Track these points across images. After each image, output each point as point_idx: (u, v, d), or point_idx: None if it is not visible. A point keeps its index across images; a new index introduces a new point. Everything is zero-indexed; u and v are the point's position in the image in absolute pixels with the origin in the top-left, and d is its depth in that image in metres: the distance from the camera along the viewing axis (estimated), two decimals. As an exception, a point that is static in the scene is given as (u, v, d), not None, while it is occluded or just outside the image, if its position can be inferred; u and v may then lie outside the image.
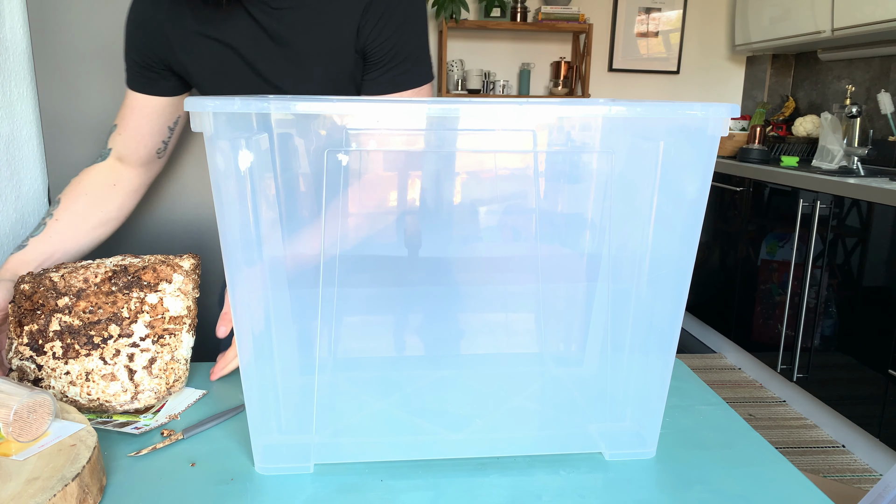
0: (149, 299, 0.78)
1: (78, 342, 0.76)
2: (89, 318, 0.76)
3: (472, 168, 0.79)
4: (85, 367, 0.76)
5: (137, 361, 0.77)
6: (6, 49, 1.40)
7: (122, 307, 0.77)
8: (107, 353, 0.76)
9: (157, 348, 0.78)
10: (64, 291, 0.78)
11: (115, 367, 0.76)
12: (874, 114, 2.94)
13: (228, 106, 0.60)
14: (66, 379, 0.76)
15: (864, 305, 2.16)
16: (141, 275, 0.79)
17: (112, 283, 0.78)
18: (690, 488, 0.70)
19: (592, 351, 0.83)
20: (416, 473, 0.71)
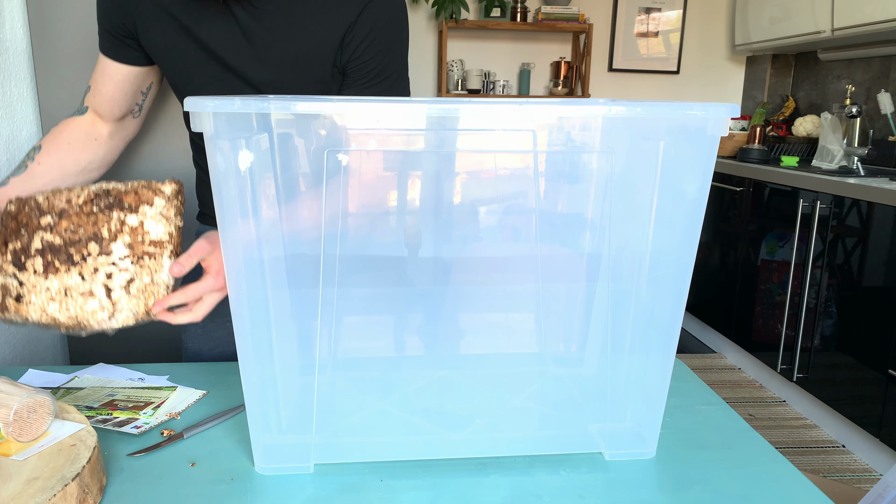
0: (129, 221, 0.79)
1: (58, 259, 0.77)
2: (70, 237, 0.78)
3: (472, 168, 0.79)
4: (64, 284, 0.77)
5: (115, 280, 0.78)
6: (6, 49, 1.40)
7: (103, 227, 0.78)
8: (85, 270, 0.78)
9: (136, 269, 0.79)
10: (47, 210, 0.79)
11: (94, 284, 0.78)
12: (874, 114, 2.94)
13: (228, 106, 0.60)
14: (47, 295, 0.77)
15: (864, 305, 2.16)
16: (123, 197, 0.80)
17: (94, 205, 0.79)
18: (690, 488, 0.70)
19: (592, 351, 0.83)
20: (416, 473, 0.71)
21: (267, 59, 0.95)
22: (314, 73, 0.96)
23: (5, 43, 1.40)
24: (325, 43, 0.94)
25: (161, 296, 0.81)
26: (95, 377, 0.94)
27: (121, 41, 1.00)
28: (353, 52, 0.94)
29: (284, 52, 0.95)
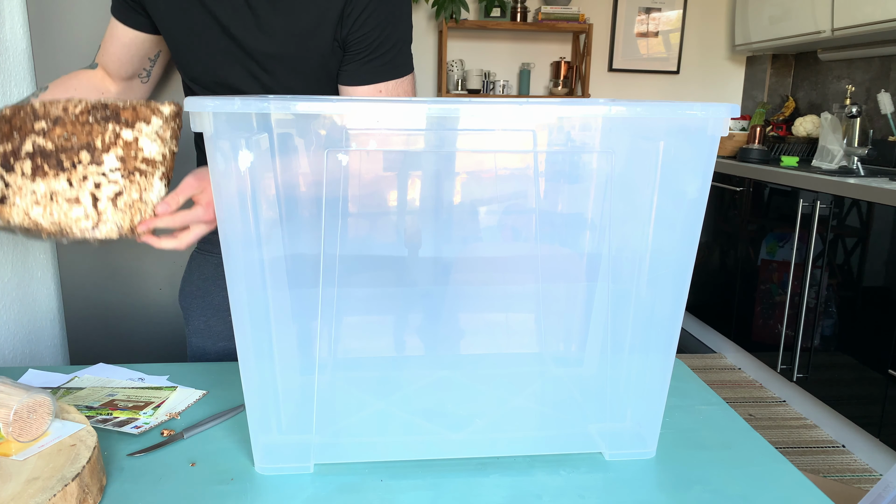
0: (124, 135, 0.79)
1: (48, 163, 0.77)
2: (62, 144, 0.78)
3: (472, 168, 0.79)
4: (51, 188, 0.77)
5: (104, 191, 0.78)
6: (6, 49, 1.40)
7: (97, 137, 0.78)
8: (74, 176, 0.78)
9: (125, 183, 0.79)
10: (42, 116, 0.79)
11: (81, 191, 0.78)
12: (874, 114, 2.94)
13: (228, 106, 0.60)
14: (31, 198, 0.77)
15: (864, 305, 2.16)
16: (120, 112, 0.80)
17: (90, 115, 0.79)
18: (690, 488, 0.70)
19: (592, 351, 0.83)
20: (416, 473, 0.71)
21: (268, 29, 0.95)
22: (314, 45, 0.96)
23: (5, 43, 1.40)
24: (324, 15, 0.94)
25: (149, 216, 0.81)
26: (95, 377, 0.94)
27: (128, 5, 1.01)
28: (353, 25, 0.94)
29: (285, 23, 0.95)
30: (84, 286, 1.54)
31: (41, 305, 1.54)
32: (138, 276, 1.55)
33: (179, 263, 1.55)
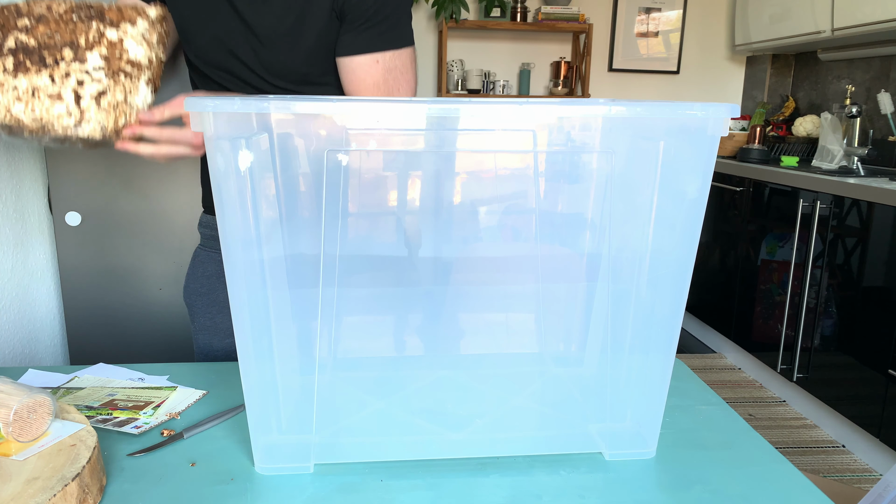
0: (109, 34, 0.79)
1: (30, 59, 0.77)
2: (45, 41, 0.77)
3: (472, 168, 0.79)
4: (32, 83, 0.77)
5: (87, 89, 0.78)
6: (6, 49, 1.40)
7: (80, 36, 0.78)
8: (57, 73, 0.77)
9: (109, 83, 0.78)
10: (25, 14, 0.78)
11: (63, 88, 0.77)
12: (874, 114, 2.94)
13: (228, 106, 0.60)
14: (13, 94, 0.77)
15: (864, 305, 2.16)
16: (105, 11, 0.80)
17: (74, 14, 0.79)
18: (690, 488, 0.70)
19: (592, 351, 0.83)
20: (416, 473, 0.71)
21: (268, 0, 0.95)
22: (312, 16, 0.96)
23: (5, 43, 1.40)
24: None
25: (133, 120, 0.81)
26: (95, 377, 0.94)
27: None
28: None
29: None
30: (84, 286, 1.54)
31: (41, 305, 1.54)
32: (138, 276, 1.55)
33: (179, 263, 1.55)
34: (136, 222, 1.52)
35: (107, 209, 1.51)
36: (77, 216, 1.50)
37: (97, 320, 1.55)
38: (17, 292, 1.44)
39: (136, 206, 1.52)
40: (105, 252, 1.53)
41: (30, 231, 1.49)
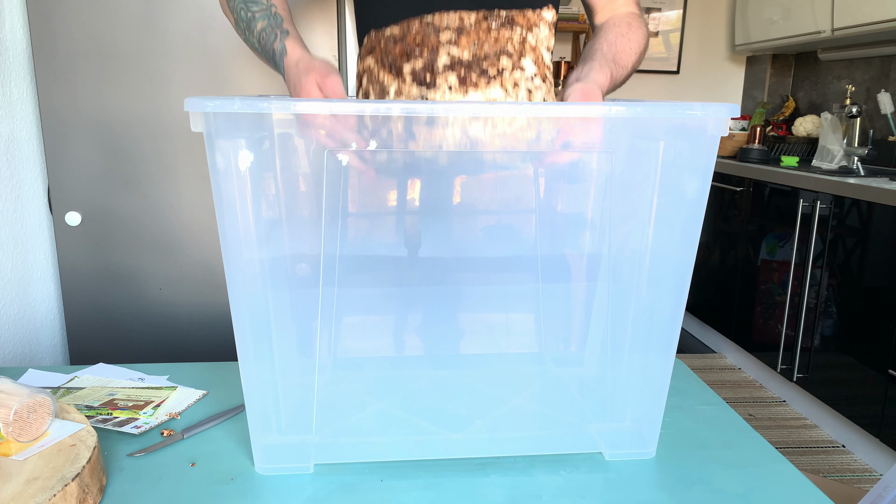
0: (529, 39, 0.72)
1: (474, 72, 0.70)
2: (477, 53, 0.70)
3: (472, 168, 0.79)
4: (487, 97, 0.70)
5: (535, 98, 0.71)
6: (6, 49, 1.40)
7: (507, 44, 0.71)
8: (507, 83, 0.71)
9: (546, 88, 0.73)
10: (443, 28, 0.71)
11: (518, 98, 0.71)
12: (874, 114, 2.94)
13: (228, 106, 0.60)
14: None
15: (864, 305, 2.16)
16: (514, 17, 0.73)
17: (489, 22, 0.72)
18: (690, 488, 0.70)
19: (592, 351, 0.83)
20: (416, 473, 0.71)
21: None
22: None
23: (5, 43, 1.40)
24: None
25: None
26: (95, 377, 0.94)
27: None
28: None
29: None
30: (84, 286, 1.54)
31: (41, 305, 1.54)
32: (138, 276, 1.55)
33: (179, 263, 1.55)
34: (136, 222, 1.52)
35: (107, 209, 1.51)
36: (77, 216, 1.50)
37: (97, 320, 1.55)
38: (17, 292, 1.44)
39: (136, 206, 1.52)
40: (105, 252, 1.53)
41: (30, 231, 1.49)
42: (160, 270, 1.55)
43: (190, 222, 1.54)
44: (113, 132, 1.48)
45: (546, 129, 0.68)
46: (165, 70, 1.47)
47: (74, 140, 1.47)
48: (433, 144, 0.66)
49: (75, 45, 1.43)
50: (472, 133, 0.66)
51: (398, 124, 0.65)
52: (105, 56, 1.45)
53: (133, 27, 1.44)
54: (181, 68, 1.48)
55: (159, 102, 1.48)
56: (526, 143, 0.68)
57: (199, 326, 1.60)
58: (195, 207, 1.54)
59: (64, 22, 1.42)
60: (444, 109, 0.64)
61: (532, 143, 0.68)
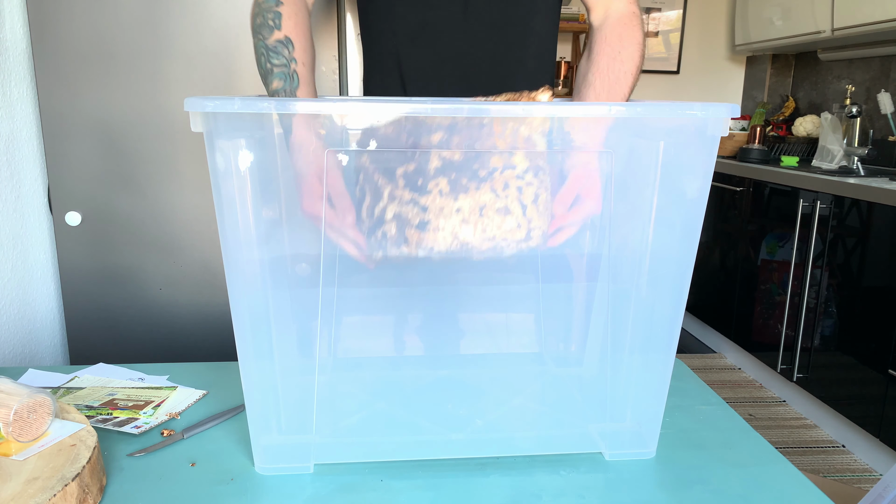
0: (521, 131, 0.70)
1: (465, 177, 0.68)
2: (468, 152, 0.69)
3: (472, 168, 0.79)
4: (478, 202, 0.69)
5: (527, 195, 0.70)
6: (6, 49, 1.40)
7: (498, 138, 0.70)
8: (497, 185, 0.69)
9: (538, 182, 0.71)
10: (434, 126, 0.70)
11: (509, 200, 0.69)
12: (874, 114, 2.94)
13: (228, 106, 0.60)
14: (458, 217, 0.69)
15: (864, 305, 2.16)
16: None
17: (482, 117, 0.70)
18: (690, 488, 0.70)
19: (592, 351, 0.83)
20: (416, 473, 0.71)
21: None
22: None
23: (5, 43, 1.40)
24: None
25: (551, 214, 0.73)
26: (95, 377, 0.94)
27: None
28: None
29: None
30: (84, 286, 1.54)
31: (41, 305, 1.54)
32: (138, 276, 1.55)
33: (179, 263, 1.55)
34: (136, 222, 1.52)
35: (107, 209, 1.51)
36: (77, 216, 1.50)
37: (97, 320, 1.55)
38: (17, 292, 1.44)
39: (136, 206, 1.52)
40: (105, 252, 1.53)
41: (30, 231, 1.49)
42: (160, 270, 1.56)
43: (190, 222, 1.54)
44: (113, 132, 1.48)
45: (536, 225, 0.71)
46: (165, 70, 1.47)
47: (74, 140, 1.47)
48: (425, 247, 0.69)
49: (75, 45, 1.43)
50: (462, 236, 0.68)
51: (391, 227, 0.69)
52: (105, 56, 1.45)
53: (133, 27, 1.44)
54: (181, 68, 1.48)
55: (159, 102, 1.48)
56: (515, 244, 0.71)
57: (199, 326, 1.60)
58: (195, 207, 1.54)
59: (64, 22, 1.42)
60: (446, 111, 0.64)
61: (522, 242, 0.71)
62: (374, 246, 0.70)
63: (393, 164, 0.69)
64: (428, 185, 0.68)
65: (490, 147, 0.68)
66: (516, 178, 0.69)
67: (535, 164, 0.70)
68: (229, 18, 1.48)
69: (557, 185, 0.78)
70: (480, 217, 0.68)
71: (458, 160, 0.68)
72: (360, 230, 0.72)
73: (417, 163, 0.68)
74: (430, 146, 0.67)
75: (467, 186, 0.68)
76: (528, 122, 0.68)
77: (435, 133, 0.67)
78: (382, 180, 0.69)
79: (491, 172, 0.68)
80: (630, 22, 0.92)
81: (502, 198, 0.69)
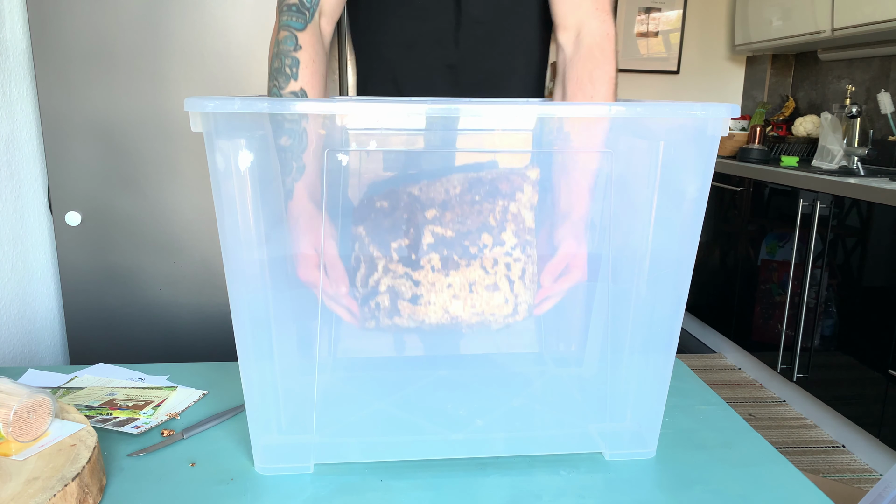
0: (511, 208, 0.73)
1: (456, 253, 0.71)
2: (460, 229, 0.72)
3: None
4: (468, 278, 0.71)
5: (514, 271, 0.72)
6: (6, 49, 1.40)
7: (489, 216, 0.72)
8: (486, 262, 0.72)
9: (525, 258, 0.73)
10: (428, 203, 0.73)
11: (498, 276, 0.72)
12: (874, 114, 2.94)
13: (228, 106, 0.60)
14: (448, 293, 0.71)
15: (864, 305, 2.16)
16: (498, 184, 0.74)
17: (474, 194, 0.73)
18: (690, 488, 0.70)
19: (592, 351, 0.83)
20: (416, 473, 0.71)
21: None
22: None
23: (5, 43, 1.40)
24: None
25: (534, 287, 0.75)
26: (95, 377, 0.94)
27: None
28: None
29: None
30: (84, 286, 1.54)
31: (41, 305, 1.54)
32: (138, 276, 1.55)
33: (179, 263, 1.55)
34: (136, 222, 1.52)
35: (107, 209, 1.51)
36: (77, 216, 1.50)
37: (97, 320, 1.55)
38: (17, 292, 1.44)
39: (136, 206, 1.52)
40: (105, 252, 1.53)
41: (30, 231, 1.49)
42: (160, 270, 1.56)
43: (190, 222, 1.54)
44: (113, 132, 1.48)
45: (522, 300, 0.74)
46: (165, 70, 1.48)
47: (74, 140, 1.47)
48: (416, 320, 0.72)
49: (75, 45, 1.43)
50: (452, 310, 0.71)
51: (384, 299, 0.72)
52: (105, 56, 1.45)
53: (133, 27, 1.44)
54: (181, 68, 1.48)
55: (159, 102, 1.48)
56: (503, 318, 0.74)
57: (199, 326, 1.60)
58: (195, 207, 1.54)
59: (64, 22, 1.42)
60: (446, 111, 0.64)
61: (508, 316, 0.74)
62: (367, 315, 0.73)
63: (388, 238, 0.72)
64: (421, 261, 0.71)
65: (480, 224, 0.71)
66: (505, 255, 0.72)
67: (524, 239, 0.73)
68: (229, 18, 1.48)
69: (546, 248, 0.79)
70: (470, 293, 0.71)
71: (451, 236, 0.71)
72: (354, 297, 0.75)
73: (412, 239, 0.71)
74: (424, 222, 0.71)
75: (458, 263, 0.71)
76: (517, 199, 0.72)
77: (429, 210, 0.71)
78: (378, 252, 0.72)
79: (482, 249, 0.71)
80: (602, 53, 0.88)
81: (491, 274, 0.72)
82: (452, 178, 0.74)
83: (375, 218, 0.73)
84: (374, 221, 0.73)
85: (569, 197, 0.80)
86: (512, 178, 0.74)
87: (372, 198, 0.74)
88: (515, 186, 0.73)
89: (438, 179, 0.74)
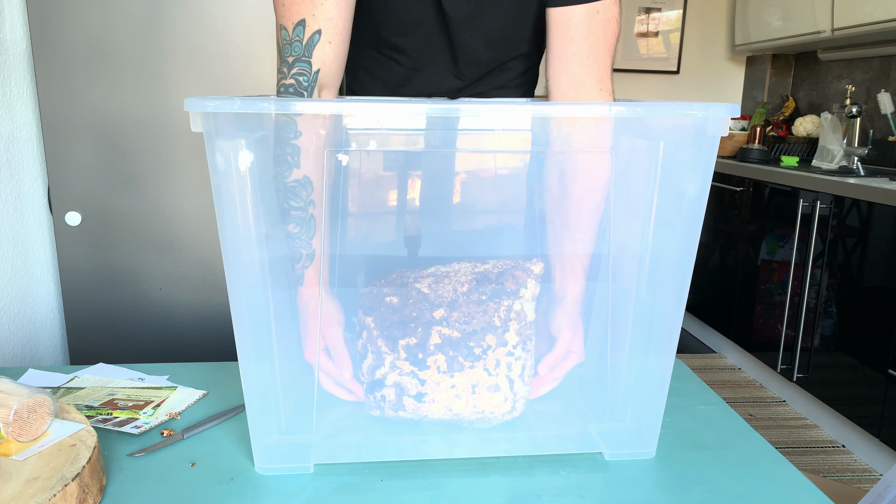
0: (515, 307, 0.75)
1: (461, 355, 0.73)
2: (465, 329, 0.73)
3: (472, 168, 0.79)
4: (471, 379, 0.74)
5: (515, 371, 0.75)
6: (6, 49, 1.40)
7: (493, 316, 0.74)
8: (489, 363, 0.74)
9: (525, 355, 0.75)
10: (437, 303, 0.74)
11: (499, 377, 0.74)
12: (874, 114, 2.94)
13: (228, 106, 0.60)
14: (451, 392, 0.74)
15: (864, 305, 2.16)
16: (504, 281, 0.75)
17: (480, 293, 0.74)
18: (690, 488, 0.70)
19: (592, 351, 0.83)
20: (416, 473, 0.71)
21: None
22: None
23: (5, 43, 1.40)
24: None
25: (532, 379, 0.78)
26: (95, 377, 0.94)
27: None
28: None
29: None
30: (84, 286, 1.54)
31: (41, 305, 1.54)
32: (138, 276, 1.55)
33: (179, 263, 1.55)
34: (135, 222, 1.52)
35: (107, 209, 1.51)
36: (77, 216, 1.50)
37: (97, 320, 1.55)
38: (17, 292, 1.44)
39: (135, 206, 1.52)
40: (105, 252, 1.53)
41: (30, 231, 1.49)
42: (160, 270, 1.56)
43: (190, 222, 1.54)
44: (113, 132, 1.48)
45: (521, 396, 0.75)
46: (165, 70, 1.48)
47: (74, 140, 1.47)
48: (420, 414, 0.74)
49: (75, 45, 1.43)
50: (455, 408, 0.74)
51: (391, 392, 0.74)
52: (105, 56, 1.45)
53: (133, 27, 1.44)
54: (181, 68, 1.48)
55: (159, 102, 1.48)
56: (501, 416, 0.75)
57: (199, 326, 1.60)
58: (195, 207, 1.54)
59: (64, 22, 1.42)
60: (446, 111, 0.64)
61: (507, 413, 0.75)
62: (373, 404, 0.75)
63: (396, 334, 0.73)
64: (427, 361, 0.73)
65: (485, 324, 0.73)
66: (506, 355, 0.74)
67: (525, 335, 0.74)
68: (229, 18, 1.48)
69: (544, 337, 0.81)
70: (473, 394, 0.74)
71: (457, 336, 0.73)
72: (359, 379, 0.77)
73: (419, 338, 0.73)
74: (432, 322, 0.73)
75: (463, 365, 0.73)
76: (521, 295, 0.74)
77: (437, 309, 0.73)
78: (385, 347, 0.74)
79: (485, 350, 0.73)
80: None
81: (494, 376, 0.74)
82: (460, 271, 0.76)
83: (385, 312, 0.75)
84: (382, 315, 0.75)
85: (563, 281, 0.82)
86: (517, 273, 0.75)
87: (382, 289, 0.75)
88: (520, 283, 0.74)
89: (447, 275, 0.75)
